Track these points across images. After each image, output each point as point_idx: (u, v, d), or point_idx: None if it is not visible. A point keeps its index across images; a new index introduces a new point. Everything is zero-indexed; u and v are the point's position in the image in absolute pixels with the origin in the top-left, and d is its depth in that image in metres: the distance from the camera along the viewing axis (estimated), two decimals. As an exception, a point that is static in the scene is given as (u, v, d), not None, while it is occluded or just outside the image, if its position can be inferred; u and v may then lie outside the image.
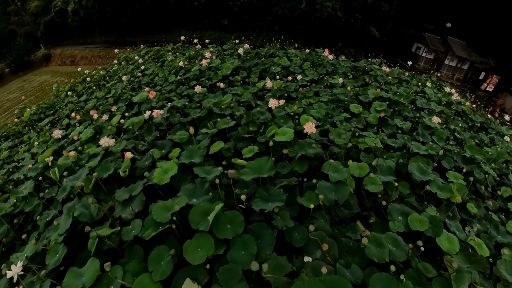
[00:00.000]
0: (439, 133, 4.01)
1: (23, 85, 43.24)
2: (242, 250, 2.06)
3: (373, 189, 2.63)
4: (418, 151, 3.35)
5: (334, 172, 2.72)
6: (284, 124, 3.88)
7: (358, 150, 3.41)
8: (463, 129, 4.98)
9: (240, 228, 2.15)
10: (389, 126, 4.12)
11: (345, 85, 6.02)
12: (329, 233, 2.35)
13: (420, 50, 32.98)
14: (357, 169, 2.84)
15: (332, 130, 3.51)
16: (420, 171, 2.98)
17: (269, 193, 2.51)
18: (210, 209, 2.17)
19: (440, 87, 8.34)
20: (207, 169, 2.77)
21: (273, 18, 24.61)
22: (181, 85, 6.20)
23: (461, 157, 3.60)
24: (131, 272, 2.04)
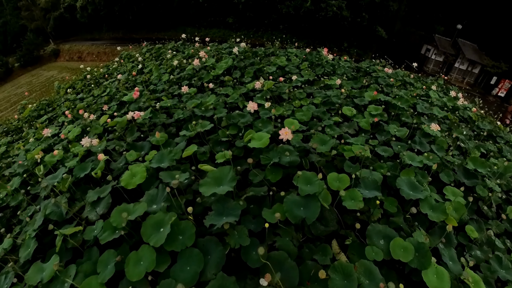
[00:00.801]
0: (439, 142, 3.62)
1: (31, 80, 43.69)
2: (187, 266, 1.93)
3: (351, 206, 2.29)
4: (411, 162, 2.95)
5: (306, 184, 2.39)
6: (263, 128, 3.61)
7: (344, 158, 3.04)
8: (468, 137, 4.56)
9: (190, 241, 2.02)
10: (383, 132, 3.74)
11: (343, 87, 5.69)
12: (293, 254, 2.07)
13: (429, 52, 32.18)
14: (336, 181, 2.50)
15: (315, 136, 3.15)
16: (410, 186, 2.59)
17: (225, 206, 2.30)
18: (164, 220, 2.09)
19: (447, 91, 7.88)
20: (175, 174, 2.68)
21: (278, 16, 24.17)
22: (174, 85, 6.11)
23: (462, 170, 3.20)
24: (84, 273, 2.05)
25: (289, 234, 2.22)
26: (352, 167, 2.92)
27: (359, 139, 3.28)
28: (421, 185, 2.62)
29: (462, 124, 5.25)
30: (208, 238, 2.11)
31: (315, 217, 2.13)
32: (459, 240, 2.50)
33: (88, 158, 3.54)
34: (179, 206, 2.41)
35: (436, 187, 2.98)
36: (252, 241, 2.11)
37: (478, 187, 2.97)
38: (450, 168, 3.31)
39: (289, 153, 2.82)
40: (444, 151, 3.42)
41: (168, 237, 1.95)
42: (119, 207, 2.30)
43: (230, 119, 4.05)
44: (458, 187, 2.93)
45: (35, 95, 31.16)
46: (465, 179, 3.11)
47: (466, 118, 5.76)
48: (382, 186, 2.80)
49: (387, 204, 2.55)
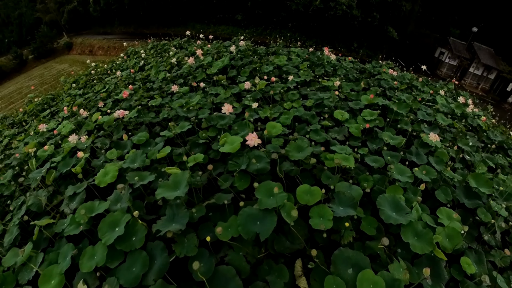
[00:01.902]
0: (438, 154, 3.21)
1: (43, 72, 44.35)
2: (133, 267, 1.96)
3: (317, 225, 1.99)
4: (399, 177, 2.56)
5: (268, 196, 2.15)
6: (240, 131, 3.38)
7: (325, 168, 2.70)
8: (474, 148, 4.12)
9: (139, 243, 2.05)
10: (376, 140, 3.35)
11: (342, 88, 5.32)
12: (244, 271, 1.96)
13: (443, 55, 31.17)
14: (306, 194, 2.21)
15: (292, 142, 2.81)
16: (394, 207, 2.19)
17: (177, 212, 2.23)
18: (120, 220, 2.15)
19: (458, 96, 7.38)
20: (143, 175, 2.70)
21: (287, 14, 23.65)
22: (171, 83, 6.03)
23: (463, 188, 2.79)
24: (49, 261, 2.20)
25: (243, 249, 2.03)
26: (331, 178, 2.58)
27: (344, 147, 2.92)
28: (409, 206, 2.23)
29: (470, 133, 4.80)
30: (157, 242, 2.08)
31: (269, 234, 1.92)
32: (453, 274, 2.11)
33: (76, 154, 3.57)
34: (140, 208, 2.46)
35: (431, 206, 2.60)
36: (201, 252, 2.02)
37: (480, 210, 2.56)
38: (450, 185, 2.91)
39: (256, 160, 2.62)
40: (443, 164, 3.01)
41: (121, 237, 2.02)
42: (85, 204, 2.42)
43: (210, 121, 3.87)
44: (457, 208, 2.55)
45: (45, 87, 31.53)
46: (466, 199, 2.69)
47: (476, 127, 5.31)
48: (365, 203, 2.47)
49: (365, 225, 2.20)
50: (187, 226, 2.13)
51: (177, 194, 2.25)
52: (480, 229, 2.49)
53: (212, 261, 1.96)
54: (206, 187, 2.86)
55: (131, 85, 6.33)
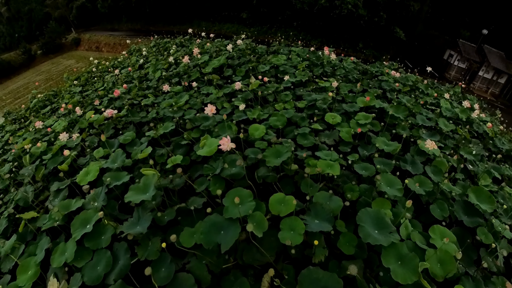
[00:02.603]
0: (436, 163, 2.92)
1: (51, 68, 44.71)
2: (98, 266, 2.00)
3: (285, 239, 1.82)
4: (386, 190, 2.28)
5: (237, 204, 2.03)
6: (221, 133, 3.23)
7: (310, 175, 2.46)
8: (478, 157, 3.82)
9: (106, 242, 2.10)
10: (368, 146, 3.08)
11: (340, 89, 5.06)
12: (204, 281, 1.91)
13: (452, 58, 30.43)
14: (279, 203, 2.04)
15: (273, 146, 2.59)
16: (376, 224, 1.92)
17: (141, 215, 2.24)
18: (92, 218, 2.19)
19: (465, 100, 7.04)
20: (120, 175, 2.72)
21: (292, 13, 23.27)
22: (167, 82, 6.03)
23: (461, 203, 2.50)
24: (29, 253, 2.31)
25: (206, 258, 1.98)
26: (313, 187, 2.36)
27: (330, 153, 2.68)
28: (395, 222, 1.97)
29: (475, 140, 4.48)
30: (122, 243, 2.10)
31: (229, 246, 1.83)
32: (444, 304, 1.85)
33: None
34: (114, 208, 2.52)
35: (425, 222, 2.33)
36: (163, 256, 2.00)
37: (480, 229, 2.26)
38: (449, 198, 2.63)
39: (231, 165, 2.55)
40: (441, 175, 2.72)
41: (90, 235, 2.10)
42: (63, 201, 2.52)
43: (194, 122, 3.78)
44: (455, 225, 2.27)
45: (51, 83, 31.70)
46: (465, 215, 2.40)
47: (482, 134, 4.98)
48: (351, 216, 2.21)
49: (343, 242, 1.97)
50: (156, 230, 2.21)
51: (143, 197, 2.24)
52: (480, 252, 2.20)
53: (173, 267, 1.92)
54: (185, 190, 2.79)
55: (129, 83, 6.50)
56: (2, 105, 34.01)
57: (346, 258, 1.97)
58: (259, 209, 2.11)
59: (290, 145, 2.90)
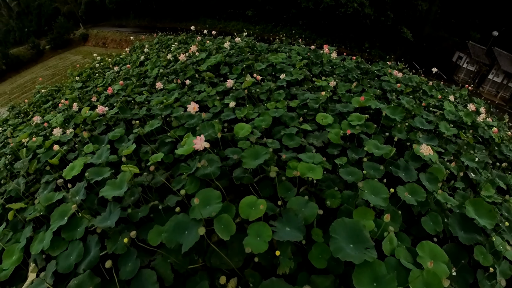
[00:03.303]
0: (433, 170, 2.68)
1: (58, 63, 45.07)
2: (71, 255, 2.10)
3: (247, 245, 1.74)
4: (368, 198, 2.05)
5: (205, 205, 2.04)
6: (204, 132, 3.09)
7: (289, 178, 2.29)
8: (482, 165, 3.55)
9: (80, 234, 2.22)
10: (359, 148, 2.86)
11: (337, 89, 4.84)
12: (167, 279, 1.95)
13: (461, 60, 29.74)
14: (250, 207, 1.96)
15: (253, 146, 2.50)
16: (352, 236, 1.70)
17: (112, 210, 2.30)
18: (69, 211, 2.29)
19: (471, 103, 6.73)
20: (102, 171, 2.77)
21: (297, 11, 22.92)
22: (164, 78, 6.10)
23: (458, 216, 2.25)
24: (15, 239, 2.46)
25: (171, 257, 1.98)
26: (291, 190, 2.24)
27: (314, 155, 2.49)
28: (378, 235, 1.74)
29: (479, 146, 4.20)
30: (94, 236, 2.19)
31: (187, 248, 1.81)
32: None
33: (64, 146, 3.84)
34: (93, 202, 2.62)
35: (415, 236, 2.10)
36: (131, 251, 2.05)
37: (478, 248, 2.00)
38: (445, 210, 2.38)
39: (208, 164, 2.46)
40: (437, 183, 2.48)
41: (66, 227, 2.22)
42: (46, 194, 2.67)
43: (179, 120, 3.72)
44: (450, 241, 2.03)
45: (56, 78, 31.91)
46: (461, 231, 2.15)
47: (488, 139, 4.69)
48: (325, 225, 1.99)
49: (315, 254, 1.79)
50: (130, 225, 2.29)
51: (115, 193, 2.33)
52: (476, 274, 1.95)
53: (138, 263, 1.97)
54: (167, 188, 2.73)
55: (128, 80, 6.57)
56: (10, 99, 34.40)
57: (319, 271, 1.76)
58: (228, 211, 2.06)
59: (272, 145, 2.78)
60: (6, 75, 46.63)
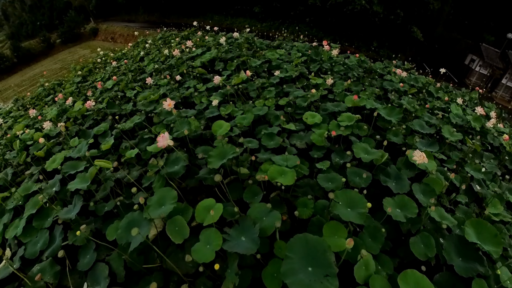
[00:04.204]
0: (429, 180, 2.32)
1: (66, 57, 45.46)
2: (39, 243, 2.23)
3: (194, 252, 1.63)
4: (339, 213, 1.71)
5: (159, 205, 2.00)
6: (179, 129, 3.00)
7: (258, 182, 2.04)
8: (490, 176, 3.16)
9: (48, 224, 2.35)
10: (346, 152, 2.50)
11: (334, 87, 4.53)
12: (119, 276, 1.93)
13: (474, 63, 28.79)
14: (207, 211, 1.83)
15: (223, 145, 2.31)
16: (312, 259, 1.39)
17: (76, 203, 2.37)
18: (39, 202, 2.42)
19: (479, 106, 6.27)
20: (78, 164, 2.85)
21: (304, 8, 22.38)
22: (160, 74, 6.09)
23: (455, 239, 1.89)
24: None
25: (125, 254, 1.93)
26: (258, 196, 2.04)
27: (289, 158, 2.21)
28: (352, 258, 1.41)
29: (488, 155, 3.80)
30: (59, 226, 2.28)
31: (136, 245, 1.78)
32: None
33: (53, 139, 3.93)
34: (65, 193, 2.68)
35: (402, 261, 1.75)
36: (90, 244, 2.11)
37: (477, 283, 1.62)
38: (440, 229, 2.02)
39: (174, 163, 2.47)
40: (433, 196, 2.11)
41: (37, 216, 2.38)
42: (25, 184, 2.83)
43: (159, 116, 3.66)
44: (445, 269, 1.68)
45: (63, 72, 32.08)
46: (458, 258, 1.77)
47: (499, 147, 4.27)
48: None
49: (269, 273, 1.55)
50: (96, 219, 2.38)
51: (79, 186, 2.45)
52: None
53: (94, 256, 2.03)
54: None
55: (125, 75, 6.59)
56: (18, 91, 34.81)
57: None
58: (185, 213, 1.99)
59: (249, 145, 2.63)
60: (17, 68, 47.29)
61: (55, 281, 1.94)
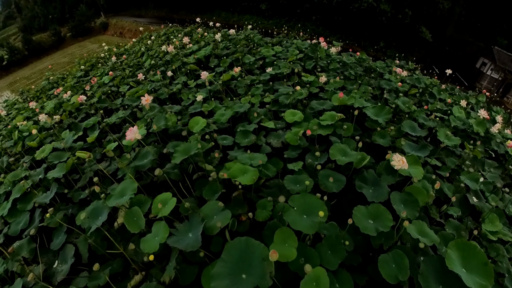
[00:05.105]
0: (412, 189, 2.04)
1: (75, 51, 45.83)
2: (20, 223, 2.52)
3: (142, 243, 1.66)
4: (293, 219, 1.54)
5: (119, 197, 2.07)
6: (157, 124, 3.03)
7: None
8: (489, 188, 2.86)
9: (30, 207, 2.63)
10: (324, 153, 2.28)
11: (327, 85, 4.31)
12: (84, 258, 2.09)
13: (485, 66, 27.95)
14: (162, 204, 1.89)
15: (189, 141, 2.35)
16: (241, 265, 1.30)
17: (52, 189, 2.62)
18: (25, 187, 2.70)
19: (490, 111, 5.92)
20: (63, 155, 3.08)
21: (311, 6, 21.96)
22: (155, 69, 6.19)
23: (435, 263, 1.60)
24: None
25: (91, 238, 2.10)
26: (217, 193, 2.02)
27: (255, 156, 2.13)
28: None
29: (491, 163, 3.48)
30: (39, 209, 2.55)
31: (90, 232, 2.01)
32: None
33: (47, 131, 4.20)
34: (49, 181, 2.84)
35: (370, 281, 1.51)
36: (62, 227, 2.32)
37: None
38: (418, 248, 1.76)
39: (144, 156, 2.57)
40: (416, 208, 1.85)
41: (21, 199, 2.67)
42: (15, 171, 3.10)
43: (142, 112, 3.78)
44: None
45: (70, 66, 32.28)
46: (438, 285, 1.47)
47: (504, 155, 3.93)
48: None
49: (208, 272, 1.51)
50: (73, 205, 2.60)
51: (56, 175, 2.70)
52: None
53: (64, 237, 2.24)
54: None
55: (123, 70, 6.72)
56: (28, 83, 35.26)
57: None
58: (144, 205, 2.04)
59: (223, 142, 2.63)
60: (28, 61, 47.94)
61: (31, 256, 2.20)
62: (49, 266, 2.10)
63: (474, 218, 2.55)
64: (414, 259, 1.61)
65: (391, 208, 1.83)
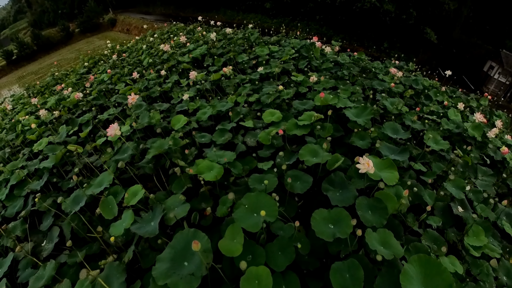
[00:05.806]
0: (381, 195, 1.93)
1: (83, 47, 46.18)
2: (16, 207, 2.82)
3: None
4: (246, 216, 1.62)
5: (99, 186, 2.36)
6: (141, 121, 3.21)
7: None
8: (480, 197, 2.68)
9: (25, 192, 2.93)
10: (294, 154, 2.23)
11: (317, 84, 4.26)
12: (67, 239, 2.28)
13: (493, 70, 27.34)
14: (132, 195, 2.09)
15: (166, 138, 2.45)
16: (181, 257, 1.42)
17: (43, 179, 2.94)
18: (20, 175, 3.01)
19: (491, 115, 5.74)
20: (57, 148, 3.27)
21: (314, 5, 21.78)
22: (153, 67, 6.30)
23: (392, 278, 1.47)
24: None
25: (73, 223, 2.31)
26: (183, 187, 2.18)
27: (222, 154, 2.15)
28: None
29: (485, 170, 3.26)
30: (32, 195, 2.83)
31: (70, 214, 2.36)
32: None
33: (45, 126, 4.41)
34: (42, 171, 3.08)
35: (324, 285, 1.45)
36: (51, 211, 2.59)
37: None
38: (375, 260, 1.65)
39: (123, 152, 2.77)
40: (384, 215, 1.76)
41: (17, 186, 2.97)
42: (14, 161, 3.41)
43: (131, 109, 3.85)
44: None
45: (76, 62, 32.55)
46: None
47: (502, 162, 3.72)
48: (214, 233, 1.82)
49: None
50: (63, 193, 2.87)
51: (47, 165, 2.94)
52: None
53: (52, 220, 2.51)
54: None
55: (124, 68, 6.88)
56: (35, 78, 35.64)
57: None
58: (118, 195, 2.22)
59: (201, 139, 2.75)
60: (37, 55, 48.51)
61: (23, 235, 2.48)
62: (38, 244, 2.40)
63: (459, 230, 2.37)
64: (373, 272, 1.53)
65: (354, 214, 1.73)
